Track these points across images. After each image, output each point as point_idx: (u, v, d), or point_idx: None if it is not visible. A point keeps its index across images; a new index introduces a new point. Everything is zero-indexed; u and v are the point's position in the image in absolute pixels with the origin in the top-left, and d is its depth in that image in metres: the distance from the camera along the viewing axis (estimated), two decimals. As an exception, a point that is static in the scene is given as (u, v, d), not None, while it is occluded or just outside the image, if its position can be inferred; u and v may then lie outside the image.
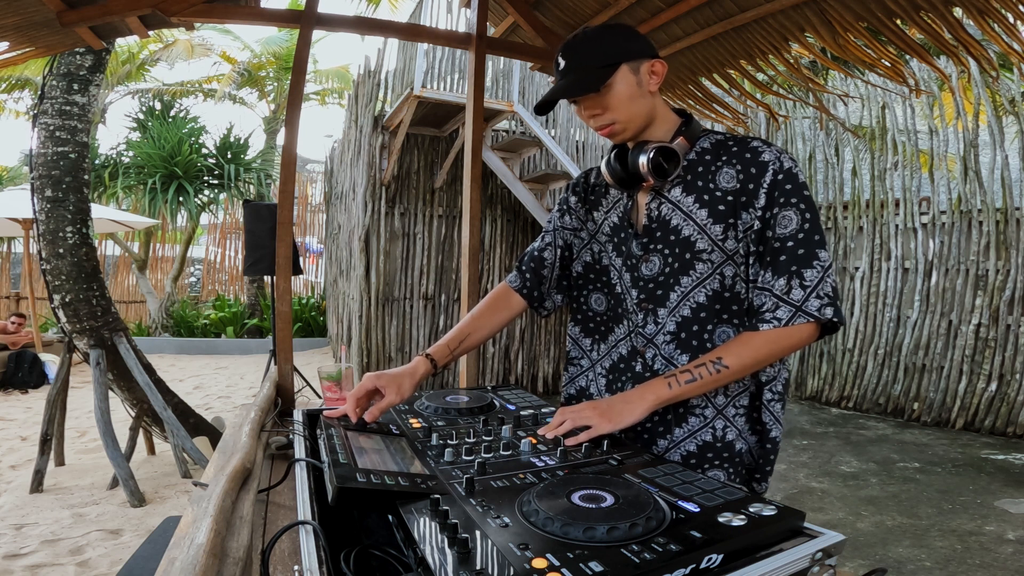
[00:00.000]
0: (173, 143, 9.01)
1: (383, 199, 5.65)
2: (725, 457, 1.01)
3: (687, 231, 1.00)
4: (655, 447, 1.04)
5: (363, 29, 2.16)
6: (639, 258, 1.04)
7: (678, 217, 1.00)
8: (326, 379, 1.47)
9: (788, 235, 0.92)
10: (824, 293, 0.91)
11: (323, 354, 8.69)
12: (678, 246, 1.00)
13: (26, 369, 6.33)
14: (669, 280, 1.01)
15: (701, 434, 1.01)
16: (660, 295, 1.02)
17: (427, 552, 0.59)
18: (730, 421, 1.01)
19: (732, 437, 1.01)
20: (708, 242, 0.98)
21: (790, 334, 0.92)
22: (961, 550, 2.68)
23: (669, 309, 1.02)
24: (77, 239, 3.55)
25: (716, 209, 0.97)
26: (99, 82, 3.66)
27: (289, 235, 1.83)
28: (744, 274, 0.99)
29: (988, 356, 4.72)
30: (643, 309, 1.04)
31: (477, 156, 2.06)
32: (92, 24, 1.75)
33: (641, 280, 1.04)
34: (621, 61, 0.97)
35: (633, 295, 1.06)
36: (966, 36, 1.57)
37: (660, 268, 1.02)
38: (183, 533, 0.72)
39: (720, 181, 0.98)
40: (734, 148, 0.98)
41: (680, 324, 1.01)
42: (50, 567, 2.50)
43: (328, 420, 1.00)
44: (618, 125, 1.00)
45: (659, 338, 1.03)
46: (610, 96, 0.97)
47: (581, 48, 0.98)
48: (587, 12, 2.16)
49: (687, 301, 1.00)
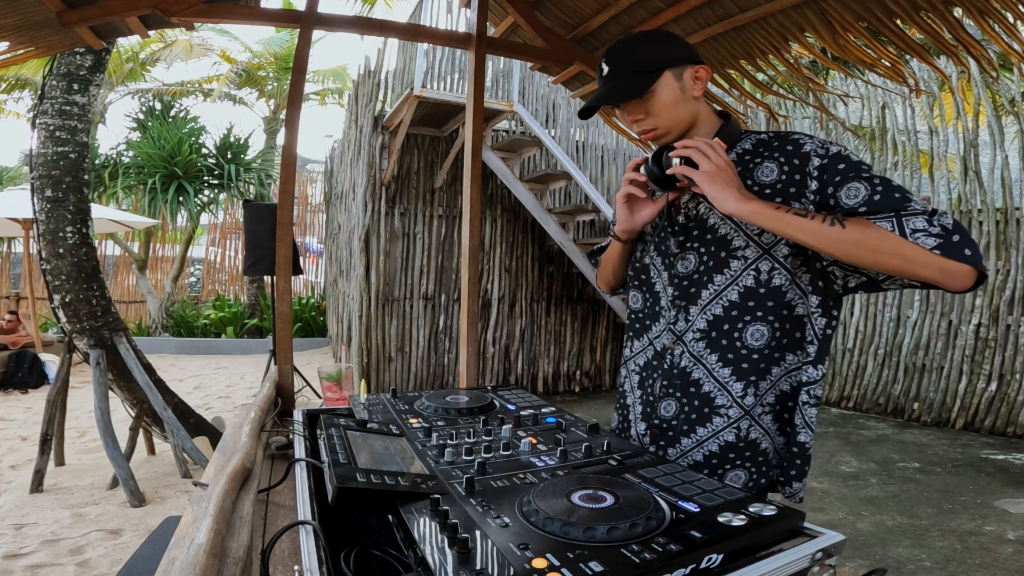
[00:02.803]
0: (173, 143, 9.01)
1: (383, 199, 5.65)
2: (747, 457, 1.00)
3: (723, 229, 1.00)
4: (678, 445, 1.04)
5: (363, 29, 2.16)
6: (676, 255, 1.06)
7: (715, 216, 1.01)
8: (326, 379, 1.47)
9: (863, 200, 0.86)
10: (942, 225, 0.81)
11: (323, 354, 8.69)
12: (713, 244, 1.01)
13: (26, 369, 6.33)
14: (703, 278, 1.02)
15: (724, 434, 1.01)
16: (693, 293, 1.03)
17: (427, 552, 0.59)
18: (756, 421, 1.00)
19: (756, 436, 1.00)
20: (744, 238, 0.98)
21: (919, 252, 0.81)
22: (961, 550, 2.68)
23: (700, 307, 1.02)
24: (77, 239, 3.55)
25: None
26: (99, 82, 3.66)
27: (289, 235, 1.82)
28: (786, 265, 0.97)
29: (988, 356, 4.72)
30: (676, 306, 1.05)
31: (477, 156, 2.06)
32: (92, 24, 1.75)
33: (676, 277, 1.05)
34: (664, 67, 0.98)
35: (669, 292, 1.07)
36: (966, 36, 1.57)
37: (695, 266, 1.03)
38: (183, 533, 0.72)
39: (759, 176, 0.98)
40: (775, 143, 0.99)
41: (711, 323, 1.01)
42: (50, 567, 2.50)
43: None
44: (661, 130, 1.02)
45: (688, 335, 1.03)
46: (653, 102, 0.99)
47: (625, 54, 1.00)
48: (587, 12, 2.16)
49: (719, 300, 1.00)
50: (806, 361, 0.98)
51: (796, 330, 0.99)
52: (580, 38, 2.28)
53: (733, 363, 1.00)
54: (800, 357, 1.00)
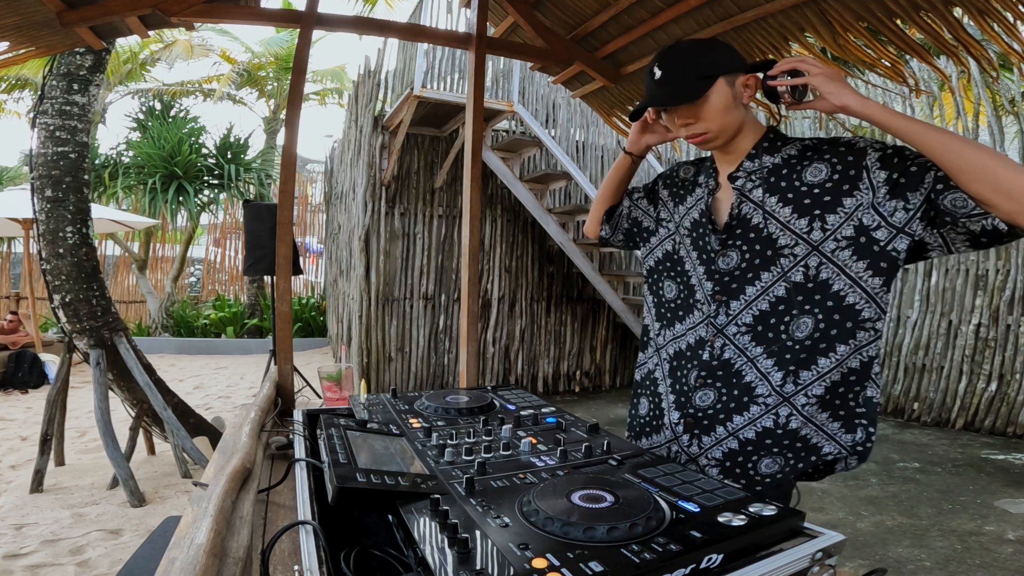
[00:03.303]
0: (173, 143, 9.01)
1: (383, 199, 5.65)
2: (785, 445, 1.03)
3: (769, 229, 1.03)
4: (713, 434, 1.07)
5: (363, 29, 2.16)
6: (716, 252, 1.09)
7: (759, 216, 1.04)
8: (326, 379, 1.47)
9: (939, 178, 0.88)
10: None
11: (323, 354, 8.69)
12: (758, 243, 1.04)
13: (26, 369, 6.33)
14: (747, 275, 1.05)
15: (762, 420, 1.03)
16: (734, 288, 1.07)
17: (427, 552, 0.59)
18: (797, 410, 1.02)
19: (797, 425, 1.02)
20: (791, 237, 1.01)
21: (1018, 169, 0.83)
22: (961, 550, 2.68)
23: (745, 302, 1.05)
24: (77, 239, 3.55)
25: (801, 203, 1.01)
26: (99, 82, 3.66)
27: (289, 235, 1.82)
28: (835, 259, 1.00)
29: (988, 356, 4.72)
30: (716, 301, 1.08)
31: (477, 156, 2.06)
32: (92, 24, 1.75)
33: (717, 273, 1.08)
34: (719, 74, 1.02)
35: (708, 287, 1.10)
36: (966, 36, 1.57)
37: (737, 263, 1.06)
38: (183, 533, 0.72)
39: (807, 177, 1.02)
40: (825, 146, 1.02)
41: (757, 317, 1.04)
42: (50, 567, 2.50)
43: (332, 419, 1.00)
44: (711, 134, 1.06)
45: (730, 328, 1.07)
46: (706, 107, 1.03)
47: (679, 59, 1.03)
48: (587, 12, 2.16)
49: (766, 295, 1.04)
50: (872, 340, 1.01)
51: (847, 319, 1.00)
52: (580, 38, 2.28)
53: (777, 354, 1.03)
54: (860, 340, 1.01)
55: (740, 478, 1.05)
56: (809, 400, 1.02)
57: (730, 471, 1.06)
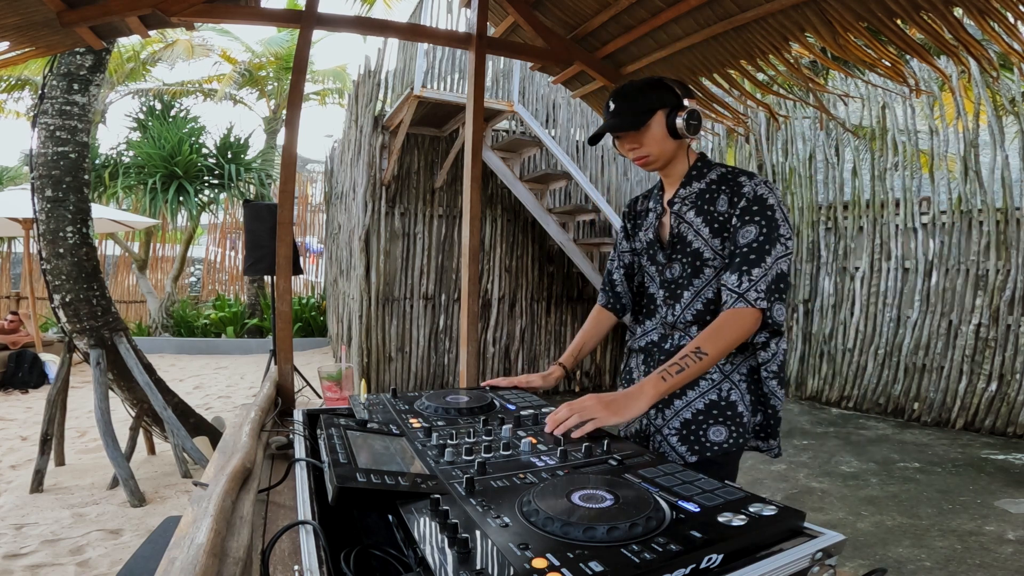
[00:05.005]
0: (173, 143, 9.01)
1: (383, 199, 5.65)
2: (728, 416, 1.23)
3: (697, 244, 1.27)
4: (671, 407, 1.27)
5: (363, 29, 2.16)
6: (664, 265, 1.34)
7: (691, 234, 1.28)
8: (326, 379, 1.47)
9: (746, 244, 1.17)
10: (762, 289, 1.14)
11: (323, 354, 8.70)
12: (691, 256, 1.28)
13: (26, 369, 6.33)
14: (685, 282, 1.29)
15: (709, 394, 1.25)
16: (679, 293, 1.31)
17: (427, 552, 0.59)
18: (735, 385, 1.24)
19: (735, 399, 1.24)
20: (712, 252, 1.25)
21: (736, 317, 1.14)
22: (961, 550, 2.68)
23: (685, 304, 1.29)
24: (77, 239, 3.55)
25: (714, 227, 1.25)
26: (99, 82, 3.66)
27: (289, 235, 1.83)
28: None
29: (988, 356, 4.72)
30: (667, 304, 1.33)
31: (477, 156, 2.06)
32: (92, 24, 1.75)
33: (666, 282, 1.34)
34: (658, 108, 1.24)
35: (661, 294, 1.35)
36: (966, 36, 1.57)
37: (680, 273, 1.31)
38: (183, 533, 0.72)
39: (717, 205, 1.25)
40: (729, 178, 1.26)
41: (696, 315, 1.28)
42: (50, 567, 2.51)
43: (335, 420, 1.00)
44: (651, 157, 1.28)
45: (679, 324, 1.30)
46: (648, 135, 1.25)
47: (629, 96, 1.27)
48: (587, 12, 2.16)
49: (700, 297, 1.28)
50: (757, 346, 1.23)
51: None
52: (580, 38, 2.28)
53: None
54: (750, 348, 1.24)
55: (694, 445, 1.24)
56: (742, 378, 1.25)
57: (686, 439, 1.25)
